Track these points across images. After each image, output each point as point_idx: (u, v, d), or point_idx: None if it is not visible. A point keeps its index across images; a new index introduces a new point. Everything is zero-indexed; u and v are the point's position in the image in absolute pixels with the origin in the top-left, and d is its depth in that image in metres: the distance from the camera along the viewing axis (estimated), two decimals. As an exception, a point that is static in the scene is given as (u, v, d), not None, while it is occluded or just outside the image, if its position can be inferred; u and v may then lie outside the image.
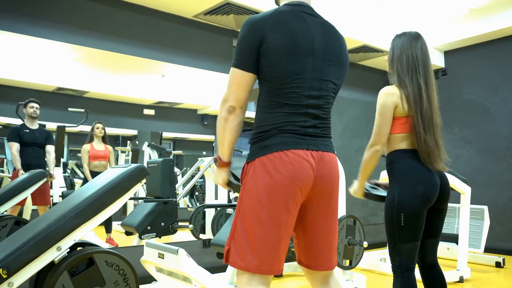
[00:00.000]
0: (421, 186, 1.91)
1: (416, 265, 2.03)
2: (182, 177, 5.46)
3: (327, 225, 1.52)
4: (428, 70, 2.02)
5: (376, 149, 2.01)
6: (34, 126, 4.05)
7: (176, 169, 4.99)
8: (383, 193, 2.15)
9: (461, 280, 3.75)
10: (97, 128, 4.59)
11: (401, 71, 2.01)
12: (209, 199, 4.82)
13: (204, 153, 5.77)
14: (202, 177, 4.97)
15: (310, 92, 1.44)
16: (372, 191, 2.19)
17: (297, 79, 1.42)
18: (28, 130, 3.99)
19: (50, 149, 4.12)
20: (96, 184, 2.21)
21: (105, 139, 4.66)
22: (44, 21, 3.70)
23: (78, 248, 2.13)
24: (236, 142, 1.48)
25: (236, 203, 4.51)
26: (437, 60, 5.76)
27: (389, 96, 1.98)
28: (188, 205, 6.14)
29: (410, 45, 2.03)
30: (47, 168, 3.99)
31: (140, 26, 4.20)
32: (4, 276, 1.80)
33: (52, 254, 1.96)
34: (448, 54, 5.81)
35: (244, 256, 1.39)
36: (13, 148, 3.89)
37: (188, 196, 6.07)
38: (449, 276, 3.66)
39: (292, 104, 1.42)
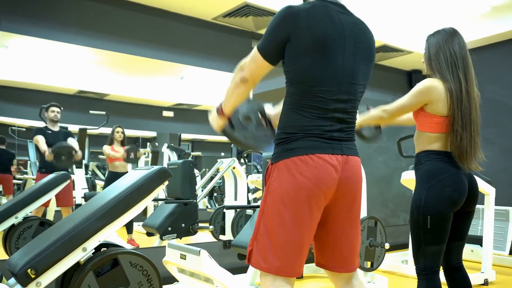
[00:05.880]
0: (449, 189, 1.86)
1: (441, 268, 1.99)
2: (201, 178, 5.49)
3: (350, 227, 1.51)
4: (468, 64, 1.95)
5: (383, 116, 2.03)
6: (56, 128, 4.14)
7: (195, 170, 5.02)
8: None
9: (485, 282, 3.68)
10: (117, 132, 4.69)
11: (441, 68, 1.94)
12: (228, 200, 4.82)
13: (223, 154, 5.78)
14: (221, 178, 4.99)
15: (339, 96, 1.43)
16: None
17: (326, 82, 1.40)
18: (50, 131, 4.08)
19: (72, 140, 4.19)
20: (119, 186, 2.24)
21: (124, 142, 4.75)
22: (65, 26, 3.77)
23: (103, 249, 2.16)
24: (239, 104, 1.57)
25: (255, 204, 4.52)
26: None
27: (431, 92, 1.90)
28: (207, 206, 6.16)
29: (446, 41, 1.96)
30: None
31: (160, 29, 4.24)
32: (32, 276, 1.85)
33: (78, 255, 1.99)
34: (469, 52, 5.69)
35: (267, 257, 1.39)
36: (39, 139, 3.97)
37: (207, 197, 6.09)
38: (474, 278, 3.58)
39: (319, 107, 1.41)
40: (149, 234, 4.08)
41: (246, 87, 1.49)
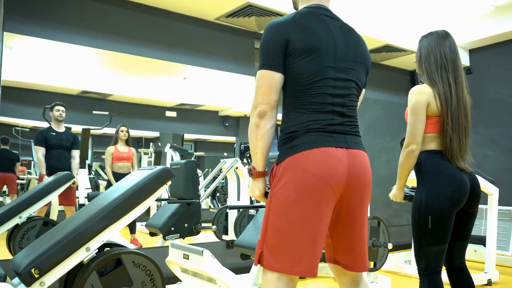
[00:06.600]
0: (450, 188, 1.87)
1: (443, 268, 1.99)
2: (204, 178, 5.49)
3: (362, 224, 1.50)
4: (458, 68, 1.99)
5: (412, 149, 1.93)
6: (61, 129, 4.14)
7: (198, 170, 5.02)
8: None
9: (489, 283, 3.67)
10: (122, 131, 4.68)
11: (430, 70, 1.97)
12: (231, 200, 4.83)
13: (225, 154, 5.78)
14: (224, 178, 4.99)
15: (334, 91, 1.44)
16: (412, 193, 2.13)
17: (321, 79, 1.42)
18: (54, 133, 4.07)
19: (76, 154, 4.20)
20: (123, 186, 2.25)
21: (129, 141, 4.74)
22: (68, 26, 3.78)
23: (106, 249, 2.17)
24: (270, 148, 1.44)
25: (258, 204, 4.52)
26: (461, 59, 5.65)
27: (421, 94, 1.93)
28: (210, 206, 6.16)
29: (438, 43, 1.99)
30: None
31: (162, 30, 4.25)
32: (36, 276, 1.86)
33: (81, 255, 2.00)
34: (473, 52, 5.69)
35: (278, 258, 1.37)
36: (38, 153, 3.98)
37: (210, 197, 6.10)
38: (477, 279, 3.58)
39: (317, 103, 1.42)
40: (152, 234, 4.09)
41: (267, 119, 1.40)
